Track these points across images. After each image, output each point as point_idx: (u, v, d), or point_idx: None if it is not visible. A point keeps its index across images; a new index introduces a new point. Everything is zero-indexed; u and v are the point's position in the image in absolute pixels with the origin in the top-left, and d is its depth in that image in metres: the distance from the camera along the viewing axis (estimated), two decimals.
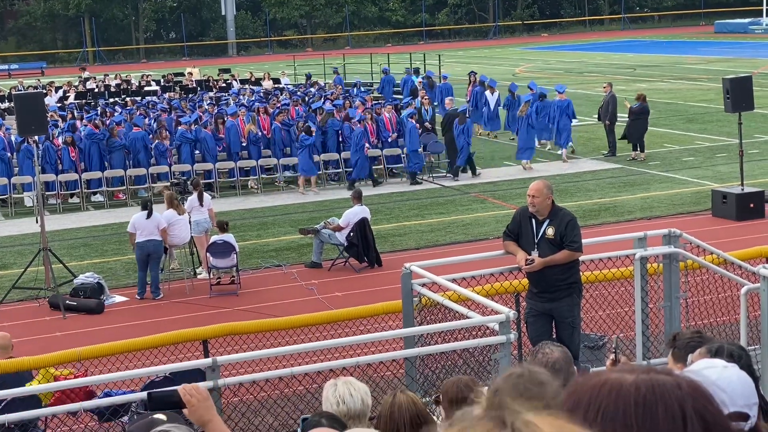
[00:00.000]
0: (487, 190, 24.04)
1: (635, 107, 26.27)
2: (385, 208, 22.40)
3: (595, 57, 62.53)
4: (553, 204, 9.64)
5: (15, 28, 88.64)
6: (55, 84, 42.69)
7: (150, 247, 16.29)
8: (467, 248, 17.87)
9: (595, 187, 23.71)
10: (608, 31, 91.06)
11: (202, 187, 18.35)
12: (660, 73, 49.20)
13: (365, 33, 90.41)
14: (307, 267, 17.83)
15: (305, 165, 24.51)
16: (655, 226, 17.25)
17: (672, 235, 9.95)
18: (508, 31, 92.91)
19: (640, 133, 26.44)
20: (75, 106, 34.47)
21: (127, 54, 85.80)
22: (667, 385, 1.97)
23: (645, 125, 26.51)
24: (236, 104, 29.27)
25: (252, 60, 76.04)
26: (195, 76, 44.88)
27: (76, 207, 24.28)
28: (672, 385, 1.97)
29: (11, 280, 16.84)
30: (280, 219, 22.06)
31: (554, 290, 9.55)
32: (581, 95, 39.83)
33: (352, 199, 18.14)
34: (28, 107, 16.37)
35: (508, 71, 51.25)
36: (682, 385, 1.98)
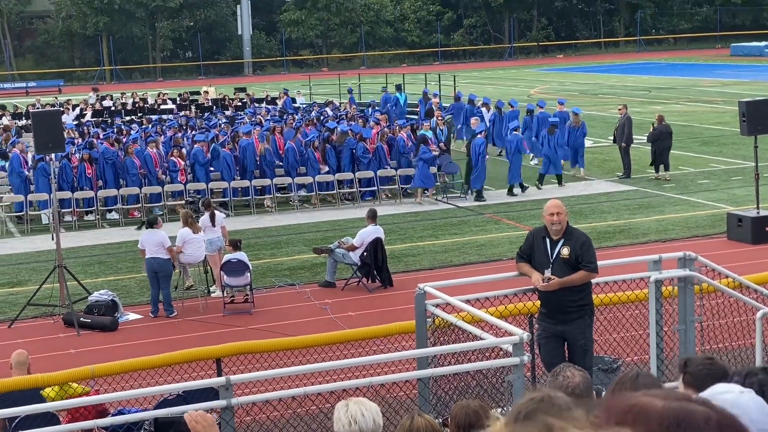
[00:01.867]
0: (501, 210, 24.02)
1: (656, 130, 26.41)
2: (399, 228, 22.40)
3: (610, 79, 62.52)
4: (568, 224, 9.64)
5: (33, 47, 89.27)
6: (72, 102, 42.92)
7: (155, 264, 16.31)
8: (481, 269, 17.85)
9: (609, 208, 23.67)
10: (624, 53, 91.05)
11: (214, 207, 18.39)
12: (675, 95, 49.14)
13: (380, 53, 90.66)
14: (320, 286, 17.84)
15: (424, 177, 24.95)
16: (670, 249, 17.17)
17: (687, 258, 9.92)
18: (524, 52, 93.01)
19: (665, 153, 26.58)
20: (92, 123, 34.64)
21: (144, 73, 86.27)
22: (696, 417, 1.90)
23: (667, 145, 26.59)
24: (251, 123, 29.36)
25: (268, 79, 76.32)
26: (211, 95, 45.08)
27: (91, 224, 24.37)
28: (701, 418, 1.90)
29: (26, 297, 16.89)
30: (294, 238, 22.09)
31: (566, 312, 9.52)
32: (596, 117, 39.83)
33: (366, 218, 18.15)
34: (46, 125, 16.45)
35: (524, 92, 51.27)
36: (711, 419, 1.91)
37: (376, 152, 26.28)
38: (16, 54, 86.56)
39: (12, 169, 25.15)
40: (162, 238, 16.37)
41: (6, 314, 16.85)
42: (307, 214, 24.69)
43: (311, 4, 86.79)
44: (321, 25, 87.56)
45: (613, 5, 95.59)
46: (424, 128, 27.70)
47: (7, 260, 21.10)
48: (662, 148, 26.63)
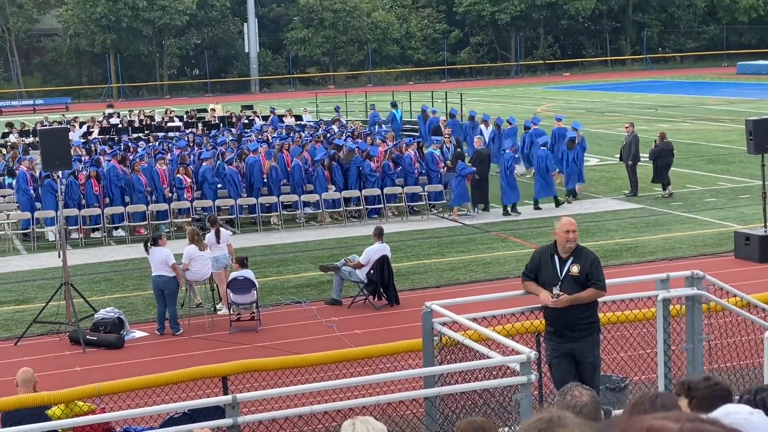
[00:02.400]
0: (507, 228, 23.99)
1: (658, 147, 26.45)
2: (406, 246, 22.38)
3: (617, 97, 62.57)
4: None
5: (41, 64, 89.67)
6: (80, 119, 43.04)
7: (160, 282, 16.32)
8: (487, 287, 17.81)
9: (616, 227, 23.63)
10: (630, 71, 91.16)
11: (220, 224, 18.39)
12: (682, 113, 49.14)
13: (387, 71, 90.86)
14: (327, 304, 17.82)
15: (461, 193, 24.97)
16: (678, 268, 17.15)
17: (695, 276, 9.88)
18: (530, 70, 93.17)
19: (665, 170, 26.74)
20: (98, 141, 34.72)
21: (151, 90, 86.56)
22: None
23: (668, 162, 26.73)
24: (258, 140, 29.40)
25: (274, 97, 76.49)
26: (218, 112, 45.17)
27: (98, 242, 24.38)
28: None
29: (32, 314, 16.89)
30: (301, 255, 22.07)
31: (575, 329, 9.49)
32: (603, 135, 39.85)
33: (372, 236, 18.14)
34: (53, 142, 16.48)
35: (530, 110, 51.30)
36: None
37: (382, 170, 26.31)
38: (24, 72, 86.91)
39: (19, 186, 25.20)
40: (166, 255, 16.37)
41: (12, 332, 16.85)
42: (314, 232, 24.69)
43: (318, 23, 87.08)
44: (328, 42, 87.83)
45: (620, 24, 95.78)
46: (434, 147, 27.68)
47: (13, 277, 21.11)
48: (663, 166, 26.73)
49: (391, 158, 26.84)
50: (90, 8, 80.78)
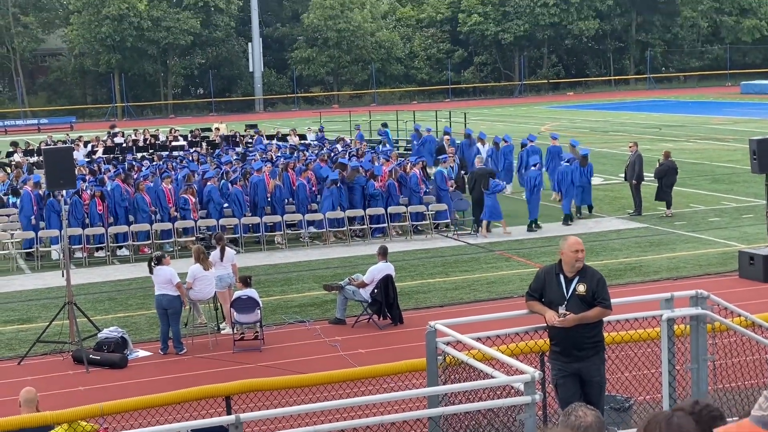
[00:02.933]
0: (512, 248, 23.97)
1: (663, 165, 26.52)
2: (410, 265, 22.37)
3: (620, 116, 62.64)
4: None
5: (46, 83, 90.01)
6: (84, 138, 43.14)
7: (163, 301, 16.31)
8: (491, 306, 17.79)
9: (620, 246, 23.60)
10: (634, 90, 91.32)
11: (225, 242, 18.39)
12: (686, 133, 49.18)
13: (391, 90, 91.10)
14: (330, 323, 17.79)
15: (494, 209, 25.17)
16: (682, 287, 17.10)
17: (699, 296, 9.85)
18: (534, 89, 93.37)
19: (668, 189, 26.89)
20: (103, 160, 34.78)
21: (155, 109, 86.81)
22: None
23: (672, 181, 26.89)
24: (262, 160, 29.45)
25: (278, 116, 76.68)
26: (222, 131, 45.26)
27: (101, 261, 24.39)
28: None
29: (35, 334, 16.87)
30: (305, 275, 22.06)
31: (582, 349, 9.45)
32: (607, 154, 39.87)
33: (377, 255, 18.13)
34: (57, 162, 16.52)
35: (534, 129, 51.32)
36: None
37: (387, 190, 26.33)
38: (29, 91, 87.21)
39: (22, 207, 25.22)
40: (170, 274, 16.36)
41: (15, 351, 16.83)
42: (318, 251, 24.68)
43: (322, 42, 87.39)
44: (332, 62, 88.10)
45: (623, 43, 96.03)
46: (443, 165, 27.67)
47: (17, 297, 21.11)
48: (667, 184, 26.83)
49: (396, 178, 26.86)
50: (95, 28, 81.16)
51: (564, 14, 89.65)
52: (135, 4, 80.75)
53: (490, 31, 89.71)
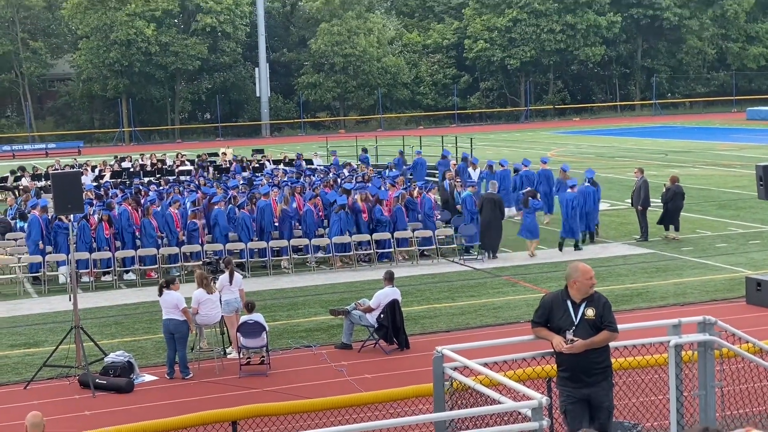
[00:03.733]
0: (518, 273, 23.96)
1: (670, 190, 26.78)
2: (416, 290, 22.36)
3: (626, 142, 62.69)
4: None
5: (54, 108, 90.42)
6: (91, 163, 43.29)
7: (170, 326, 16.30)
8: (498, 332, 17.76)
9: (626, 271, 23.57)
10: (639, 116, 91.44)
11: (234, 266, 18.40)
12: (692, 158, 49.20)
13: (397, 115, 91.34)
14: (337, 348, 17.76)
15: (533, 228, 25.74)
16: (688, 313, 17.12)
17: (707, 322, 9.85)
18: (540, 115, 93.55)
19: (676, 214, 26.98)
20: (110, 185, 34.89)
21: (163, 134, 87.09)
22: None
23: (679, 205, 26.98)
24: (269, 184, 29.51)
25: (285, 141, 76.88)
26: (229, 156, 45.41)
27: (108, 285, 24.41)
28: None
29: (42, 358, 16.87)
30: (311, 299, 22.06)
31: (591, 374, 9.42)
32: (613, 180, 39.88)
33: (383, 280, 18.12)
34: (65, 186, 16.56)
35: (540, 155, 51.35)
36: None
37: (393, 214, 26.37)
38: (37, 116, 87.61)
39: (29, 231, 25.26)
40: (176, 299, 16.37)
41: (22, 375, 16.82)
42: (324, 276, 24.68)
43: (329, 68, 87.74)
44: (338, 87, 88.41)
45: (629, 69, 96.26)
46: (471, 190, 27.61)
47: (24, 321, 21.12)
48: (674, 209, 26.94)
49: (404, 203, 26.88)
50: (103, 53, 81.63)
51: (570, 40, 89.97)
52: (143, 30, 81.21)
53: (497, 57, 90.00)
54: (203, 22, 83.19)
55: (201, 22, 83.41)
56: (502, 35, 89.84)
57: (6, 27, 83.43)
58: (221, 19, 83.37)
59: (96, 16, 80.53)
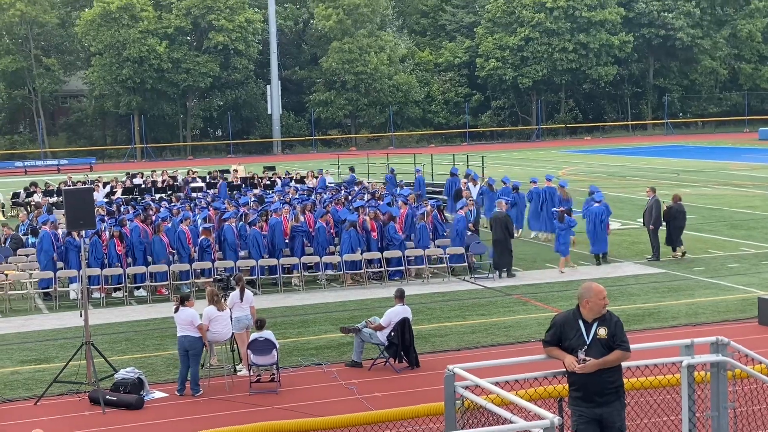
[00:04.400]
0: (528, 292, 23.90)
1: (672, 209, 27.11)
2: (426, 308, 22.32)
3: (638, 161, 62.63)
4: None
5: (66, 125, 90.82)
6: (103, 179, 43.41)
7: (185, 342, 16.28)
8: (509, 350, 17.72)
9: (638, 291, 23.49)
10: (651, 135, 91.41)
11: (244, 283, 18.40)
12: (704, 178, 49.11)
13: (408, 133, 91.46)
14: (347, 366, 17.73)
15: (564, 245, 26.05)
16: (701, 333, 17.03)
17: (720, 343, 9.79)
18: (551, 133, 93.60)
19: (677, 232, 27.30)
20: (121, 201, 34.98)
21: (174, 151, 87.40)
22: None
23: (681, 224, 27.33)
24: (280, 201, 29.55)
25: (296, 158, 77.01)
26: (240, 173, 45.49)
27: (119, 301, 24.43)
28: None
29: (53, 374, 16.88)
30: (321, 317, 22.03)
31: (604, 394, 9.37)
32: (624, 199, 39.82)
33: (394, 298, 18.09)
34: (77, 202, 16.60)
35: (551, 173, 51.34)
36: None
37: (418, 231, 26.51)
38: (49, 132, 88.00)
39: (41, 247, 25.31)
40: (192, 316, 16.37)
41: (32, 391, 16.82)
42: (335, 293, 24.67)
43: (340, 85, 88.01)
44: (350, 105, 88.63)
45: (641, 88, 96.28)
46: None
47: (34, 336, 21.14)
48: (675, 228, 27.16)
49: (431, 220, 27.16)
50: (116, 70, 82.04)
51: (582, 59, 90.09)
52: (155, 47, 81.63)
53: (508, 75, 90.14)
54: (215, 39, 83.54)
55: (213, 39, 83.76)
56: (514, 54, 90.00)
57: (20, 44, 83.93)
58: (233, 36, 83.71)
59: (109, 34, 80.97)
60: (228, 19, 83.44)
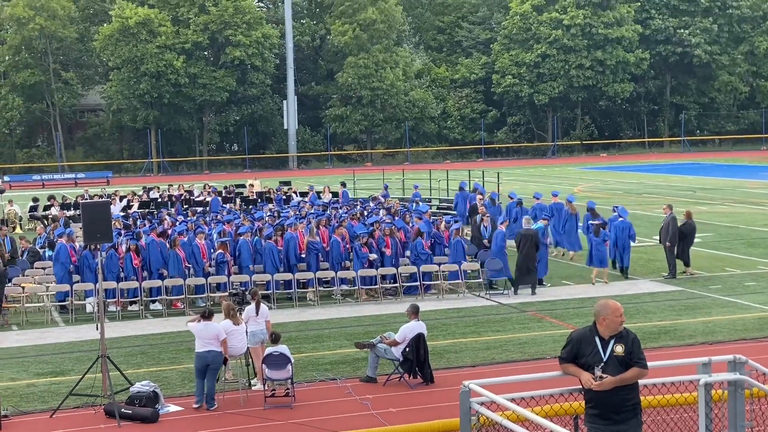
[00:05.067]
0: (544, 308, 23.84)
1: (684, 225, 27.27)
2: (441, 324, 22.28)
3: (654, 178, 62.48)
4: None
5: (83, 138, 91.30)
6: (120, 193, 43.58)
7: (208, 357, 16.28)
8: (524, 367, 17.67)
9: (654, 309, 23.40)
10: (668, 153, 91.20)
11: (260, 298, 18.42)
12: (721, 196, 48.94)
13: (424, 149, 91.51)
14: (361, 381, 17.71)
15: (603, 257, 26.68)
16: (718, 352, 16.95)
17: (737, 361, 9.73)
18: (567, 150, 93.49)
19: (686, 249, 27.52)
20: (138, 215, 35.09)
21: (191, 165, 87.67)
22: None
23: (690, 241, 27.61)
24: (296, 216, 29.59)
25: (312, 173, 77.14)
26: (256, 188, 45.59)
27: (135, 315, 24.49)
28: None
29: (68, 387, 16.92)
30: (336, 332, 22.02)
31: (621, 411, 9.33)
32: (641, 216, 39.70)
33: (408, 314, 18.07)
34: (94, 216, 16.67)
35: (567, 190, 51.28)
36: None
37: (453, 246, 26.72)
38: (67, 146, 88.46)
39: (57, 259, 25.41)
40: (217, 330, 16.40)
41: (48, 404, 16.86)
42: (349, 308, 24.66)
43: (356, 101, 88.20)
44: (365, 120, 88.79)
45: (657, 106, 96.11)
46: (543, 222, 27.72)
47: (51, 349, 21.20)
48: (685, 245, 27.33)
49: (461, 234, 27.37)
50: (134, 84, 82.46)
51: (599, 76, 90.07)
52: (173, 62, 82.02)
53: (525, 92, 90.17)
54: (232, 54, 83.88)
55: (230, 54, 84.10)
56: (531, 70, 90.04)
57: (38, 58, 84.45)
58: (250, 52, 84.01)
59: (127, 48, 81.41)
60: (245, 34, 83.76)
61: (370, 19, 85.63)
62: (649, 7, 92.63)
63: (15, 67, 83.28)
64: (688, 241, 27.34)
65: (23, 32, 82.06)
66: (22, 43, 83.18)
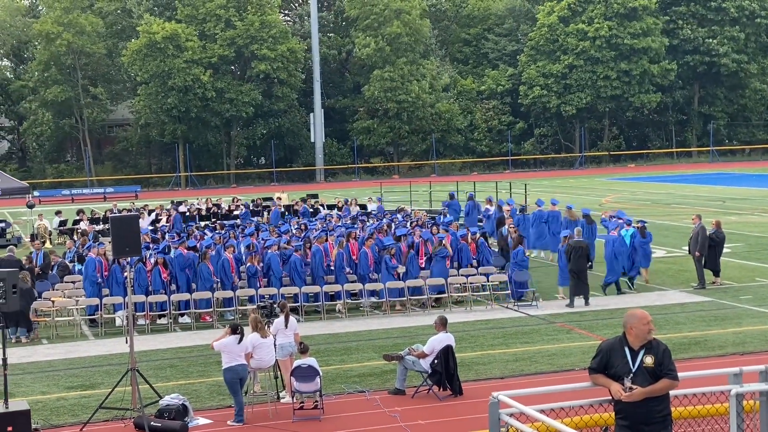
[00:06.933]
0: (572, 320, 23.73)
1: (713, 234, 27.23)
2: (469, 336, 22.23)
3: (683, 189, 62.13)
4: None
5: (112, 154, 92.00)
6: (148, 207, 43.82)
7: (242, 371, 16.32)
8: (553, 379, 17.59)
9: (684, 320, 23.24)
10: (696, 163, 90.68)
11: (289, 310, 18.44)
12: (750, 206, 48.58)
13: (451, 161, 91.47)
14: (390, 394, 17.68)
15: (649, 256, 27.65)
16: (749, 362, 16.80)
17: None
18: (595, 161, 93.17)
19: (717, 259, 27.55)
20: (166, 228, 35.26)
21: (218, 179, 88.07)
22: None
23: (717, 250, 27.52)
24: (323, 229, 29.63)
25: (339, 186, 77.27)
26: (284, 201, 45.73)
27: (164, 328, 24.59)
28: None
29: (98, 400, 17.00)
30: (364, 344, 22.01)
31: (651, 423, 9.26)
32: (670, 227, 39.49)
33: (436, 326, 18.04)
34: (123, 230, 16.78)
35: (595, 201, 51.12)
36: None
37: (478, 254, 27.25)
38: (96, 160, 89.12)
39: (86, 273, 25.57)
40: (247, 345, 16.46)
41: (78, 417, 16.95)
42: (378, 321, 24.65)
43: (382, 113, 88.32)
44: (392, 132, 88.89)
45: (685, 116, 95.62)
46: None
47: (80, 363, 21.32)
48: (714, 255, 27.34)
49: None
50: (161, 99, 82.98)
51: (626, 87, 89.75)
52: (200, 76, 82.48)
53: (552, 103, 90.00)
54: (258, 68, 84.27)
55: (256, 68, 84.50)
56: (558, 81, 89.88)
57: (67, 73, 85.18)
58: (275, 66, 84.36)
59: (155, 63, 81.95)
60: (270, 48, 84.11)
61: (395, 33, 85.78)
62: (676, 18, 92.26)
63: (44, 83, 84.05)
64: (717, 251, 27.19)
65: (52, 48, 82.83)
66: (51, 59, 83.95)
